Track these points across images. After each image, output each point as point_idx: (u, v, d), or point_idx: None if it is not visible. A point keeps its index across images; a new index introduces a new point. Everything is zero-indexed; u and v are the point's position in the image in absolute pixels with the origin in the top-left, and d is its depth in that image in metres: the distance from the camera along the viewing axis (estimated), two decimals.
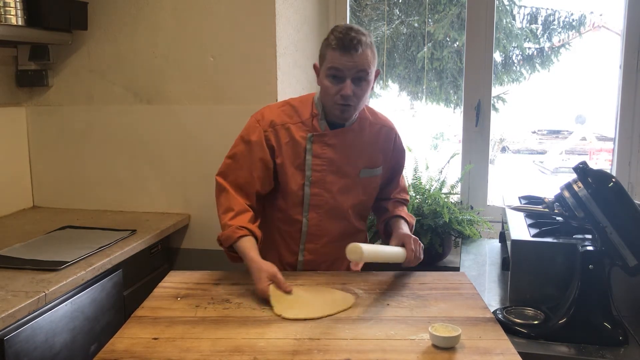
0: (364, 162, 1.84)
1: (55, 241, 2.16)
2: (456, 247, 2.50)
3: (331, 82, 1.68)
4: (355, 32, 1.64)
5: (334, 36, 1.65)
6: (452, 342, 1.30)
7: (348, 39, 1.62)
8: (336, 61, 1.65)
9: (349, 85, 1.66)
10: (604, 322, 1.50)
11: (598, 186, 1.50)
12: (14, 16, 2.25)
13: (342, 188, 1.82)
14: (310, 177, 1.79)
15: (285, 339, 1.35)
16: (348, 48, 1.62)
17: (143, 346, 1.32)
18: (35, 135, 2.76)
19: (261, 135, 1.76)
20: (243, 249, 1.68)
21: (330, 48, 1.66)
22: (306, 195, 1.81)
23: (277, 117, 1.79)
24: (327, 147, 1.78)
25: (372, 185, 1.90)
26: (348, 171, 1.82)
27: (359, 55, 1.63)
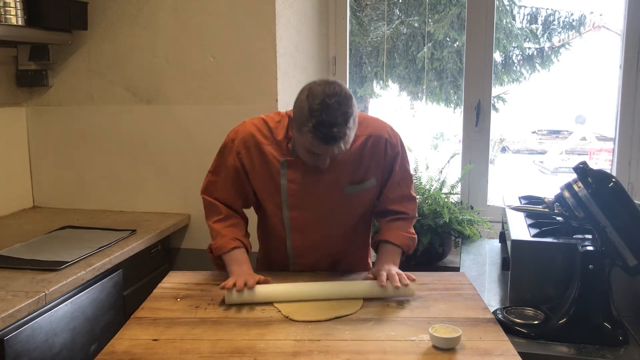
0: (347, 180, 1.70)
1: (55, 241, 2.16)
2: (456, 247, 2.50)
3: (307, 154, 1.58)
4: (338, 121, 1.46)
5: (313, 125, 1.46)
6: (452, 343, 1.30)
7: (330, 136, 1.46)
8: (316, 149, 1.52)
9: (327, 161, 1.59)
10: (604, 322, 1.50)
11: (598, 186, 1.50)
12: (14, 16, 2.25)
13: (324, 208, 1.72)
14: (287, 201, 1.71)
15: (285, 340, 1.35)
16: (330, 144, 1.48)
17: (143, 347, 1.32)
18: (35, 135, 2.76)
19: (235, 157, 1.71)
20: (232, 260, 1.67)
21: (308, 135, 1.48)
22: (285, 218, 1.74)
23: (250, 137, 1.70)
24: (302, 172, 1.67)
25: (364, 200, 1.77)
26: (329, 192, 1.70)
27: (342, 147, 1.51)
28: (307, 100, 1.49)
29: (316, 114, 1.46)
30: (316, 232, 1.76)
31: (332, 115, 1.46)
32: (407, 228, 1.79)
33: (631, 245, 1.46)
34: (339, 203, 1.72)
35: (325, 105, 1.46)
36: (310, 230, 1.75)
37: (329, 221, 1.75)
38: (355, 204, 1.76)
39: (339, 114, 1.46)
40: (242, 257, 1.69)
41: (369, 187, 1.74)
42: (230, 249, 1.69)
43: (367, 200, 1.78)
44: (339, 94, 1.48)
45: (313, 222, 1.74)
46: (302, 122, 1.49)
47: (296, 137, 1.58)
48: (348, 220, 1.79)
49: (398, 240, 1.75)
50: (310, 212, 1.72)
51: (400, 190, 1.78)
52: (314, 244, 1.78)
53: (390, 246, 1.75)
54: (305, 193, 1.69)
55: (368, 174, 1.72)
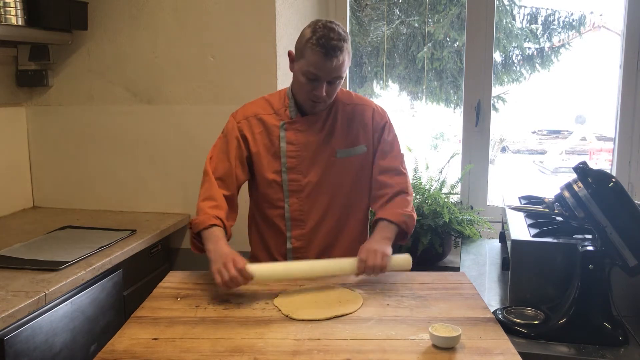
0: (338, 143, 1.85)
1: (55, 241, 2.16)
2: (456, 247, 2.50)
3: (306, 81, 1.74)
4: (337, 37, 1.67)
5: (316, 38, 1.67)
6: (452, 342, 1.30)
7: (330, 47, 1.66)
8: (315, 65, 1.69)
9: (323, 88, 1.73)
10: (604, 322, 1.50)
11: (598, 186, 1.50)
12: (14, 16, 2.25)
13: (319, 171, 1.85)
14: (286, 164, 1.84)
15: (285, 339, 1.35)
16: (329, 55, 1.67)
17: (143, 346, 1.32)
18: (35, 135, 2.76)
19: (235, 128, 1.87)
20: (211, 236, 1.70)
21: (309, 49, 1.68)
22: (284, 182, 1.85)
23: (250, 110, 1.89)
24: (299, 132, 1.84)
25: (355, 165, 1.88)
26: (323, 154, 1.85)
27: (338, 62, 1.69)
28: (310, 26, 1.72)
29: (318, 30, 1.68)
30: (312, 197, 1.86)
31: (333, 33, 1.67)
32: (402, 206, 1.83)
33: (631, 245, 1.46)
34: (333, 166, 1.86)
35: (326, 26, 1.69)
36: (306, 194, 1.86)
37: (324, 185, 1.86)
38: (348, 169, 1.87)
39: (338, 34, 1.68)
40: (219, 235, 1.71)
41: (360, 153, 1.88)
42: (208, 225, 1.72)
43: (360, 167, 1.89)
44: (337, 24, 1.71)
45: (309, 186, 1.85)
46: (306, 41, 1.69)
47: (296, 70, 1.76)
48: (343, 188, 1.88)
49: (393, 217, 1.79)
50: (307, 175, 1.85)
51: (389, 161, 1.89)
52: (310, 210, 1.87)
53: (384, 222, 1.79)
54: (303, 154, 1.84)
55: (358, 139, 1.87)
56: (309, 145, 1.84)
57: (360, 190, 1.93)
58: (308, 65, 1.70)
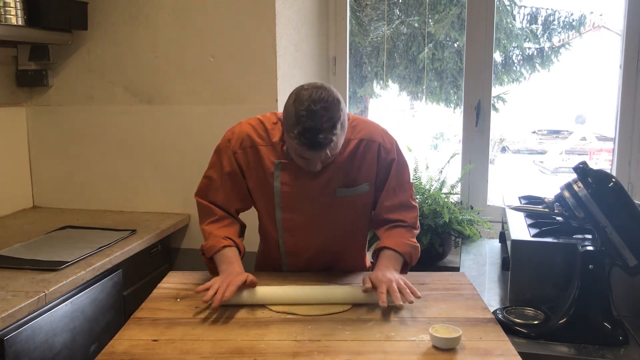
0: (338, 183, 1.69)
1: (55, 241, 2.16)
2: (456, 247, 2.50)
3: (298, 158, 1.58)
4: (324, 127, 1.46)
5: (298, 133, 1.47)
6: (452, 343, 1.30)
7: (315, 143, 1.47)
8: (304, 154, 1.53)
9: (317, 164, 1.58)
10: (604, 322, 1.50)
11: (598, 186, 1.50)
12: (14, 16, 2.25)
13: (315, 211, 1.71)
14: (280, 204, 1.71)
15: (285, 340, 1.35)
16: (316, 149, 1.49)
17: (143, 348, 1.32)
18: (35, 135, 2.76)
19: (231, 157, 1.72)
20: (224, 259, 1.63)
21: (293, 138, 1.49)
22: (278, 220, 1.74)
23: (247, 138, 1.71)
24: (296, 174, 1.67)
25: (357, 205, 1.75)
26: (321, 194, 1.69)
27: (328, 153, 1.52)
28: (294, 105, 1.49)
29: (302, 120, 1.46)
30: (308, 234, 1.75)
31: (318, 122, 1.46)
32: (408, 236, 1.72)
33: (631, 245, 1.46)
34: (331, 206, 1.71)
35: (311, 111, 1.46)
36: (302, 232, 1.75)
37: (322, 224, 1.74)
38: (348, 208, 1.73)
39: (325, 120, 1.46)
40: (232, 256, 1.65)
41: (362, 193, 1.72)
42: (220, 247, 1.66)
43: (361, 205, 1.76)
44: (325, 99, 1.47)
45: (305, 224, 1.73)
46: (290, 127, 1.50)
47: (286, 140, 1.58)
48: (341, 225, 1.77)
49: (398, 247, 1.68)
50: (302, 215, 1.72)
51: (397, 199, 1.74)
52: (306, 246, 1.77)
53: (390, 252, 1.68)
54: (298, 195, 1.69)
55: (359, 179, 1.70)
56: (305, 186, 1.68)
57: (360, 224, 1.83)
58: (297, 152, 1.54)
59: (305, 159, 1.56)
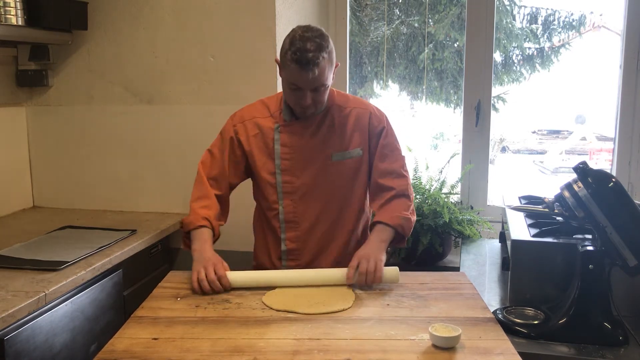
0: (334, 147, 1.85)
1: (55, 241, 2.16)
2: (456, 247, 2.50)
3: (290, 91, 1.75)
4: (313, 48, 1.65)
5: (292, 52, 1.67)
6: (452, 342, 1.30)
7: (305, 59, 1.65)
8: (294, 77, 1.70)
9: (307, 96, 1.72)
10: (604, 322, 1.50)
11: (598, 186, 1.50)
12: (14, 16, 2.25)
13: (313, 174, 1.85)
14: (280, 166, 1.85)
15: (285, 339, 1.35)
16: (305, 67, 1.66)
17: (143, 346, 1.32)
18: (35, 135, 2.76)
19: (231, 130, 1.90)
20: (198, 237, 1.77)
21: (287, 62, 1.69)
22: (278, 183, 1.86)
23: (247, 113, 1.92)
24: (293, 135, 1.84)
25: (350, 168, 1.87)
26: (318, 157, 1.84)
27: (316, 72, 1.67)
28: (288, 37, 1.71)
29: (295, 43, 1.67)
30: (306, 199, 1.86)
31: (308, 43, 1.66)
32: (400, 209, 1.83)
33: (631, 245, 1.46)
34: (328, 169, 1.85)
35: (302, 37, 1.67)
36: (301, 196, 1.86)
37: (320, 188, 1.86)
38: (343, 173, 1.86)
39: (314, 44, 1.66)
40: (206, 236, 1.78)
41: (355, 157, 1.86)
42: (197, 226, 1.79)
43: (355, 170, 1.88)
44: (314, 30, 1.70)
45: (304, 188, 1.85)
46: (284, 54, 1.70)
47: (282, 78, 1.76)
48: (338, 191, 1.88)
49: (390, 220, 1.80)
50: (301, 178, 1.85)
51: (389, 163, 1.88)
52: (305, 212, 1.87)
53: (381, 226, 1.80)
54: (297, 156, 1.84)
55: (352, 143, 1.86)
56: (303, 147, 1.84)
57: (356, 193, 1.92)
58: (289, 77, 1.72)
59: (297, 92, 1.72)
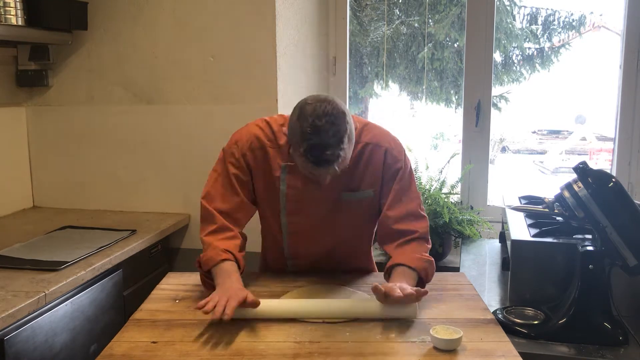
0: (344, 186, 1.64)
1: (55, 241, 2.16)
2: (456, 247, 2.50)
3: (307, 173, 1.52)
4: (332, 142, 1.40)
5: (305, 150, 1.41)
6: (453, 344, 1.29)
7: (324, 160, 1.41)
8: (309, 171, 1.48)
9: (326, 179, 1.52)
10: (604, 322, 1.50)
11: (598, 186, 1.50)
12: (14, 16, 2.25)
13: (321, 215, 1.68)
14: (285, 207, 1.67)
15: (285, 341, 1.35)
16: (324, 166, 1.43)
17: (142, 350, 1.31)
18: (35, 135, 2.76)
19: (240, 159, 1.66)
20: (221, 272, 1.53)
21: (301, 159, 1.45)
22: (283, 224, 1.71)
23: (255, 139, 1.65)
24: (302, 177, 1.61)
25: (363, 209, 1.70)
26: (327, 198, 1.65)
27: (337, 168, 1.45)
28: (299, 121, 1.43)
29: (307, 136, 1.40)
30: (313, 239, 1.73)
31: (324, 137, 1.40)
32: (421, 250, 1.62)
33: (631, 245, 1.46)
34: (337, 210, 1.68)
35: (316, 127, 1.40)
36: (307, 236, 1.73)
37: (327, 228, 1.71)
38: (353, 213, 1.69)
39: (331, 135, 1.40)
40: (231, 269, 1.54)
41: (366, 198, 1.67)
42: (219, 260, 1.55)
43: (365, 211, 1.71)
44: (329, 113, 1.41)
45: (310, 229, 1.71)
46: (296, 144, 1.46)
47: (293, 155, 1.53)
48: (346, 230, 1.73)
49: (412, 262, 1.57)
50: (307, 218, 1.69)
51: (405, 207, 1.65)
52: (310, 251, 1.76)
53: (403, 268, 1.56)
54: (304, 199, 1.65)
55: (364, 183, 1.66)
56: (311, 189, 1.62)
57: (365, 229, 1.79)
58: (303, 169, 1.50)
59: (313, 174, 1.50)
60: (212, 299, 1.40)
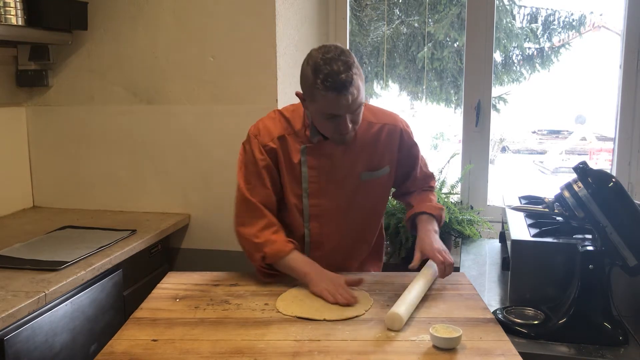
0: (363, 166, 1.75)
1: (55, 241, 2.16)
2: (456, 247, 2.50)
3: (326, 121, 1.59)
4: (343, 68, 1.51)
5: (321, 81, 1.51)
6: (453, 343, 1.30)
7: (340, 83, 1.50)
8: (331, 106, 1.54)
9: (347, 122, 1.58)
10: (604, 322, 1.50)
11: (598, 186, 1.50)
12: (14, 16, 2.25)
13: (342, 195, 1.76)
14: (307, 189, 1.74)
15: (285, 340, 1.35)
16: (343, 91, 1.51)
17: (142, 348, 1.32)
18: (35, 135, 2.76)
19: (262, 151, 1.71)
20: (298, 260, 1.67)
21: (320, 94, 1.53)
22: (305, 207, 1.76)
23: (273, 129, 1.72)
24: (321, 157, 1.71)
25: (380, 187, 1.81)
26: (347, 177, 1.75)
27: (355, 93, 1.54)
28: (309, 65, 1.55)
29: (321, 68, 1.51)
30: (334, 220, 1.79)
31: (335, 65, 1.51)
32: (435, 199, 1.91)
33: (631, 245, 1.46)
34: (356, 189, 1.77)
35: (326, 60, 1.52)
36: (328, 218, 1.78)
37: (347, 208, 1.79)
38: (371, 191, 1.80)
39: (341, 63, 1.51)
40: (304, 257, 1.70)
41: (384, 175, 1.80)
42: (289, 251, 1.67)
43: (382, 187, 1.83)
44: (334, 49, 1.55)
45: (331, 210, 1.77)
46: (311, 85, 1.54)
47: (312, 110, 1.61)
48: (364, 209, 1.82)
49: (433, 210, 1.83)
50: (329, 200, 1.76)
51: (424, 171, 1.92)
52: (330, 233, 1.80)
53: (426, 216, 1.82)
54: (325, 179, 1.73)
55: (383, 161, 1.78)
56: (331, 169, 1.72)
57: (380, 209, 1.90)
58: (324, 108, 1.55)
59: (334, 119, 1.57)
60: (326, 291, 1.57)
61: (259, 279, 1.74)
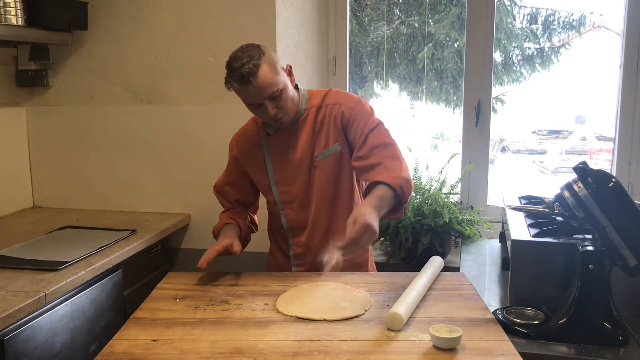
0: (316, 148, 1.86)
1: (55, 241, 2.16)
2: (456, 247, 2.50)
3: (254, 110, 1.78)
4: (244, 61, 1.67)
5: (228, 75, 1.70)
6: (453, 343, 1.30)
7: (241, 74, 1.67)
8: (243, 95, 1.73)
9: (268, 107, 1.73)
10: (604, 322, 1.50)
11: (598, 186, 1.50)
12: (14, 16, 2.25)
13: (305, 179, 1.88)
14: (273, 178, 1.91)
15: (285, 340, 1.35)
16: (245, 81, 1.68)
17: (142, 348, 1.32)
18: (35, 135, 2.76)
19: (233, 151, 1.99)
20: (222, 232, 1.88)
21: (231, 85, 1.72)
22: (275, 195, 1.93)
23: (242, 134, 1.99)
24: (280, 145, 1.89)
25: (333, 165, 1.85)
26: (305, 161, 1.87)
27: (259, 81, 1.68)
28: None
29: (228, 65, 1.70)
30: (304, 204, 1.90)
31: (238, 61, 1.68)
32: (397, 170, 1.68)
33: (631, 245, 1.46)
34: (315, 171, 1.87)
35: (232, 57, 1.71)
36: (298, 203, 1.90)
37: (311, 191, 1.89)
38: (330, 171, 1.86)
39: (245, 56, 1.68)
40: (229, 230, 1.88)
41: (336, 152, 1.86)
42: (222, 225, 1.92)
43: (339, 165, 1.87)
44: (246, 46, 1.73)
45: (299, 195, 1.89)
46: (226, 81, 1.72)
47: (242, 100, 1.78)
48: (329, 190, 1.88)
49: (389, 180, 1.64)
50: (293, 185, 1.89)
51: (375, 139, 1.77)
52: (306, 218, 1.91)
53: (380, 185, 1.65)
54: (287, 165, 1.88)
55: (330, 140, 1.85)
56: (290, 156, 1.88)
57: (343, 189, 1.90)
58: (243, 99, 1.75)
59: (258, 106, 1.73)
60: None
61: None
